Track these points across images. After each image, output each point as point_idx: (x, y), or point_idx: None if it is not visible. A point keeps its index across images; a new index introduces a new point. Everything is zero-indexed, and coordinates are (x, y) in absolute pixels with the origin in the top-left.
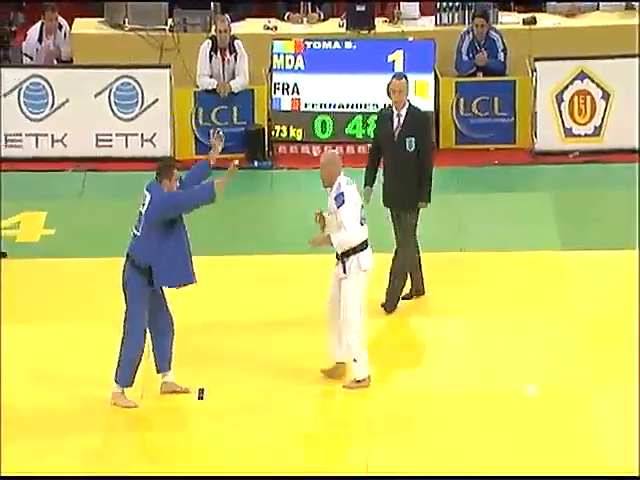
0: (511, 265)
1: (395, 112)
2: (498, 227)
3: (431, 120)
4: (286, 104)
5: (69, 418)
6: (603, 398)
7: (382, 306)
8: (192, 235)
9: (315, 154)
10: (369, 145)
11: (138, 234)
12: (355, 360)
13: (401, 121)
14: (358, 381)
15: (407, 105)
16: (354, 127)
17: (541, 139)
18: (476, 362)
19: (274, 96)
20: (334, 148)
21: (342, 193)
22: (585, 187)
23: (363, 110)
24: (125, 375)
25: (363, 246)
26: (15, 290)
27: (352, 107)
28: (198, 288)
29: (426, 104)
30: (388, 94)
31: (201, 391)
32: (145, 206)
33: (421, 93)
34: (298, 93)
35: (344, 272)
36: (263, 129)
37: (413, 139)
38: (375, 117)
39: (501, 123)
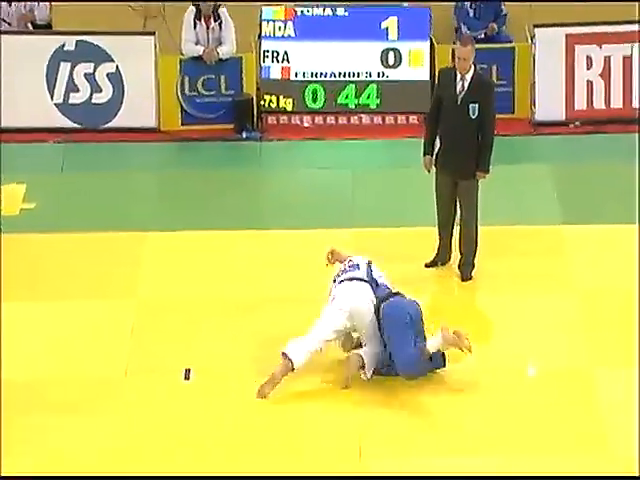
0: (509, 239)
1: (459, 75)
2: (495, 200)
3: (495, 88)
4: (276, 73)
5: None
6: (605, 376)
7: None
8: (178, 209)
9: (306, 125)
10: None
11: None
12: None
13: (465, 86)
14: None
15: (473, 69)
16: (346, 97)
17: (540, 109)
18: (476, 338)
19: (263, 64)
20: (325, 119)
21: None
22: (586, 158)
23: (356, 79)
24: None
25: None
26: None
27: (344, 76)
28: (185, 264)
29: (421, 73)
30: (453, 59)
31: (187, 372)
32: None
33: (416, 62)
34: (288, 61)
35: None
36: (252, 99)
37: (477, 106)
38: (438, 77)
39: (500, 92)
